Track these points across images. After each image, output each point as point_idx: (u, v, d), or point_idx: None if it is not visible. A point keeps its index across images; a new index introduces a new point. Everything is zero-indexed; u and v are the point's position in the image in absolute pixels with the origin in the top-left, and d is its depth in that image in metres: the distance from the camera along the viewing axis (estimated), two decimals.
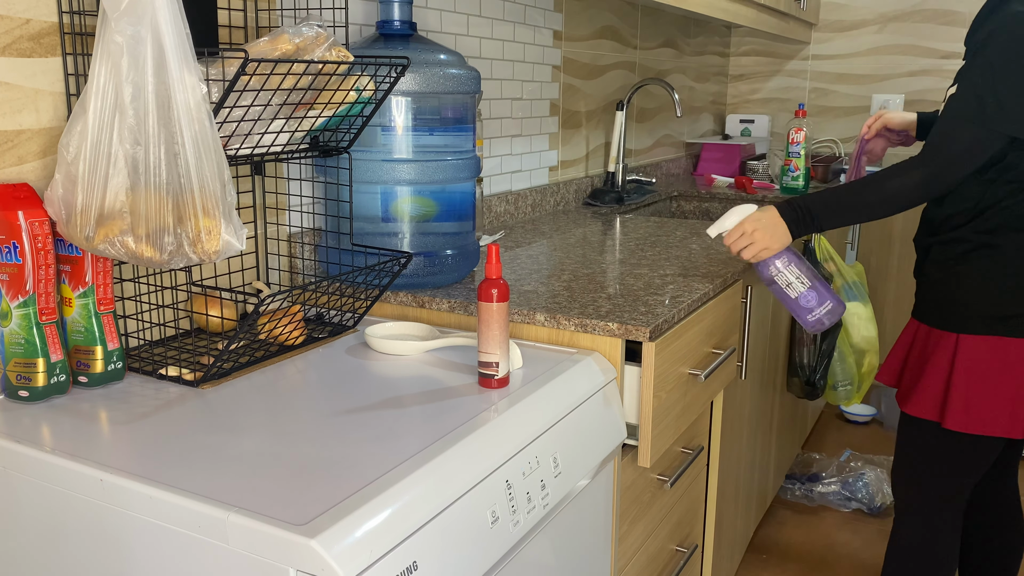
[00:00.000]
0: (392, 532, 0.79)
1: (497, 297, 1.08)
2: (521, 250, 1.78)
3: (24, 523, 0.93)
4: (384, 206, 1.40)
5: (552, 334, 1.31)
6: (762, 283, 1.69)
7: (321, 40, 1.11)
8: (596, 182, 2.63)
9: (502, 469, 0.96)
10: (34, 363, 1.03)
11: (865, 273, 2.78)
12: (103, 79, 0.95)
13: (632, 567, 1.40)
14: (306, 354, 1.23)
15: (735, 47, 3.79)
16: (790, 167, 2.75)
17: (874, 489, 2.58)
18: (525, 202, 2.21)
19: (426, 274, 1.43)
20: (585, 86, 2.51)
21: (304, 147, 1.27)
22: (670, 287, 1.46)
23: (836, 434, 3.17)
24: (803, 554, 2.36)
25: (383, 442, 0.93)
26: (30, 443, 0.93)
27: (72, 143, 0.98)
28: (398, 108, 1.37)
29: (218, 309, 1.27)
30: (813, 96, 3.65)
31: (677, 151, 3.36)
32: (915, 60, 3.44)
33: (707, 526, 1.80)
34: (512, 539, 0.95)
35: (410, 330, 1.31)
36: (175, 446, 0.92)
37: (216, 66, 1.04)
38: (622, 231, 2.03)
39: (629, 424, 1.29)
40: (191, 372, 1.11)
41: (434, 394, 1.08)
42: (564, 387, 1.14)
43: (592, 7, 2.50)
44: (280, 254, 1.48)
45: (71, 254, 1.06)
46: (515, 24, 2.12)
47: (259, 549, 0.76)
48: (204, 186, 0.96)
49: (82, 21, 1.13)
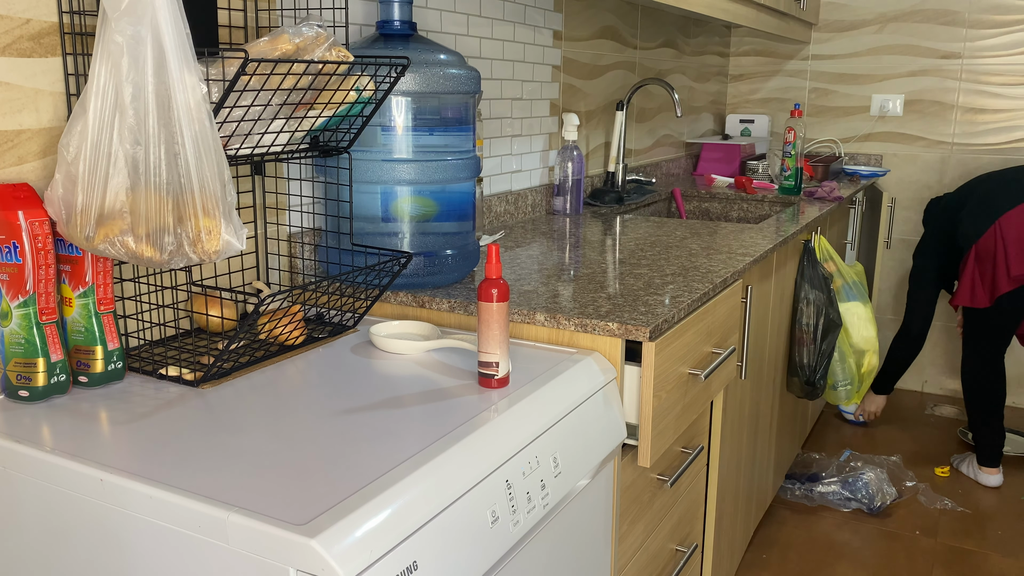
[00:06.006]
0: (392, 532, 0.79)
1: (497, 297, 1.08)
2: (521, 250, 1.78)
3: (24, 523, 0.93)
4: (384, 206, 1.40)
5: (552, 334, 1.31)
6: (762, 283, 1.69)
7: (321, 40, 1.11)
8: (596, 182, 2.63)
9: (502, 469, 0.96)
10: (34, 363, 1.03)
11: (865, 273, 2.78)
12: (103, 79, 0.95)
13: (632, 567, 1.40)
14: (306, 354, 1.23)
15: (735, 47, 3.79)
16: (783, 167, 2.76)
17: (874, 489, 2.57)
18: (525, 202, 2.22)
19: (426, 274, 1.43)
20: (585, 86, 2.51)
21: (304, 147, 1.27)
22: (670, 287, 1.46)
23: (836, 434, 3.16)
24: (803, 554, 2.36)
25: (383, 442, 0.93)
26: (30, 443, 0.93)
27: (72, 143, 0.98)
28: (398, 108, 1.37)
29: (218, 309, 1.27)
30: (813, 96, 3.65)
31: (677, 151, 3.36)
32: (915, 60, 3.44)
33: (707, 526, 1.80)
34: (512, 539, 0.95)
35: (414, 329, 1.32)
36: (175, 446, 0.92)
37: (216, 66, 1.04)
38: (622, 231, 2.03)
39: (629, 424, 1.29)
40: (191, 372, 1.11)
41: (434, 394, 1.08)
42: (564, 387, 1.14)
43: (592, 7, 2.50)
44: (280, 254, 1.48)
45: (71, 254, 1.06)
46: (515, 24, 2.12)
47: (259, 549, 0.76)
48: (204, 186, 0.96)
49: (82, 21, 1.13)
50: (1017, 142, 3.32)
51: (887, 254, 3.59)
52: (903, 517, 2.56)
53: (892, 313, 3.63)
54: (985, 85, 3.33)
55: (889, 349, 3.07)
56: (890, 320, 3.64)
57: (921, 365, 3.60)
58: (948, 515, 2.58)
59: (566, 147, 2.27)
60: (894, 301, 3.62)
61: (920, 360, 3.60)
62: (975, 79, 3.35)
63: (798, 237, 2.24)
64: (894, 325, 3.63)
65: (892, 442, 3.10)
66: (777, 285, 2.14)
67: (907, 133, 3.49)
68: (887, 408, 3.44)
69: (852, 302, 2.56)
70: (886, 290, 3.62)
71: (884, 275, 3.61)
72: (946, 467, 2.88)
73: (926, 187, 3.49)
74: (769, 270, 2.02)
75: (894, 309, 3.62)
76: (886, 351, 3.65)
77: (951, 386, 3.57)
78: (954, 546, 2.41)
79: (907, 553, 2.37)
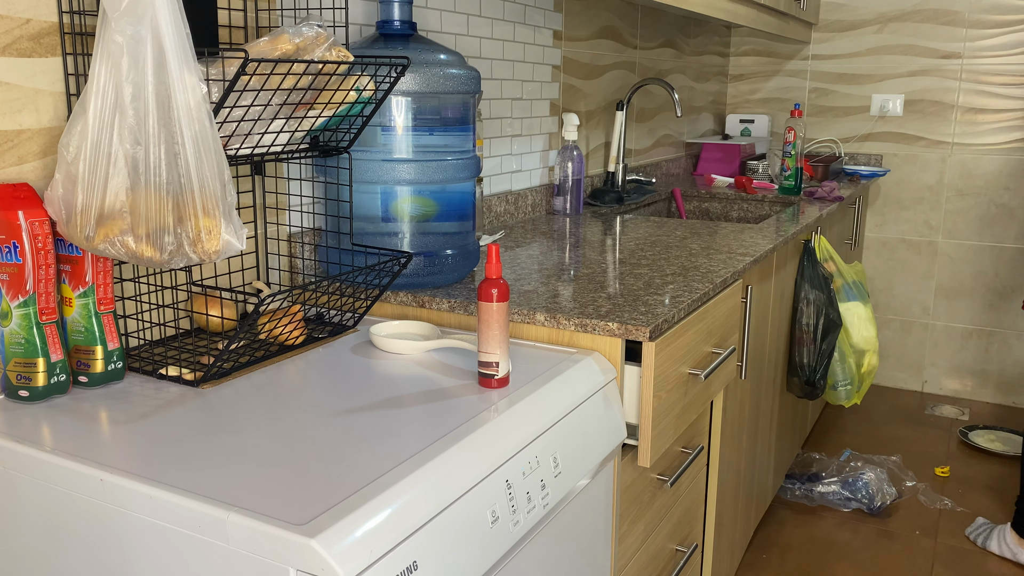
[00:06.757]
0: (392, 532, 0.79)
1: (497, 297, 1.08)
2: (521, 250, 1.78)
3: (24, 523, 0.93)
4: (384, 206, 1.40)
5: (552, 334, 1.31)
6: (762, 283, 1.69)
7: (321, 40, 1.11)
8: (596, 182, 2.63)
9: (502, 469, 0.96)
10: (34, 363, 1.03)
11: (865, 273, 2.78)
12: (103, 79, 0.95)
13: (632, 567, 1.40)
14: (306, 354, 1.23)
15: (735, 47, 3.79)
16: (783, 167, 2.76)
17: (874, 489, 2.58)
18: (525, 202, 2.22)
19: (426, 274, 1.43)
20: (585, 86, 2.51)
21: (304, 147, 1.27)
22: (670, 287, 1.46)
23: (836, 434, 3.17)
24: (803, 554, 2.36)
25: (383, 442, 0.93)
26: (30, 443, 0.93)
27: (72, 143, 0.98)
28: (398, 108, 1.37)
29: (218, 309, 1.27)
30: (813, 96, 3.65)
31: (677, 151, 3.36)
32: (915, 60, 3.44)
33: (707, 526, 1.80)
34: (512, 539, 0.95)
35: (414, 329, 1.32)
36: (175, 446, 0.92)
37: (216, 66, 1.04)
38: (622, 231, 2.03)
39: (629, 424, 1.29)
40: (191, 372, 1.11)
41: (434, 394, 1.08)
42: (564, 387, 1.14)
43: (592, 7, 2.50)
44: (280, 254, 1.48)
45: (71, 254, 1.06)
46: (515, 24, 2.12)
47: (259, 549, 0.76)
48: (204, 186, 0.96)
49: (82, 21, 1.13)
50: (1017, 142, 3.32)
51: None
52: (903, 517, 2.56)
53: (892, 313, 3.63)
54: (985, 85, 3.33)
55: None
56: (890, 320, 3.64)
57: (921, 365, 3.60)
58: (948, 515, 2.58)
59: (566, 147, 2.27)
60: (894, 301, 3.62)
61: (920, 360, 3.60)
62: (975, 79, 3.35)
63: (798, 237, 2.24)
64: (894, 325, 3.63)
65: (892, 442, 3.10)
66: (777, 285, 2.14)
67: (907, 133, 3.49)
68: (887, 408, 3.44)
69: (852, 302, 2.56)
70: (884, 290, 3.62)
71: (889, 275, 3.61)
72: (946, 467, 2.88)
73: (926, 187, 3.49)
74: (769, 270, 2.02)
75: (894, 309, 3.62)
76: (886, 351, 3.65)
77: (951, 386, 3.57)
78: (954, 546, 2.41)
79: (907, 553, 2.37)
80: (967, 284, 3.47)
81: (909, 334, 3.61)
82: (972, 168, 3.40)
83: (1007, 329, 3.44)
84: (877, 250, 3.61)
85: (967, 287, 3.48)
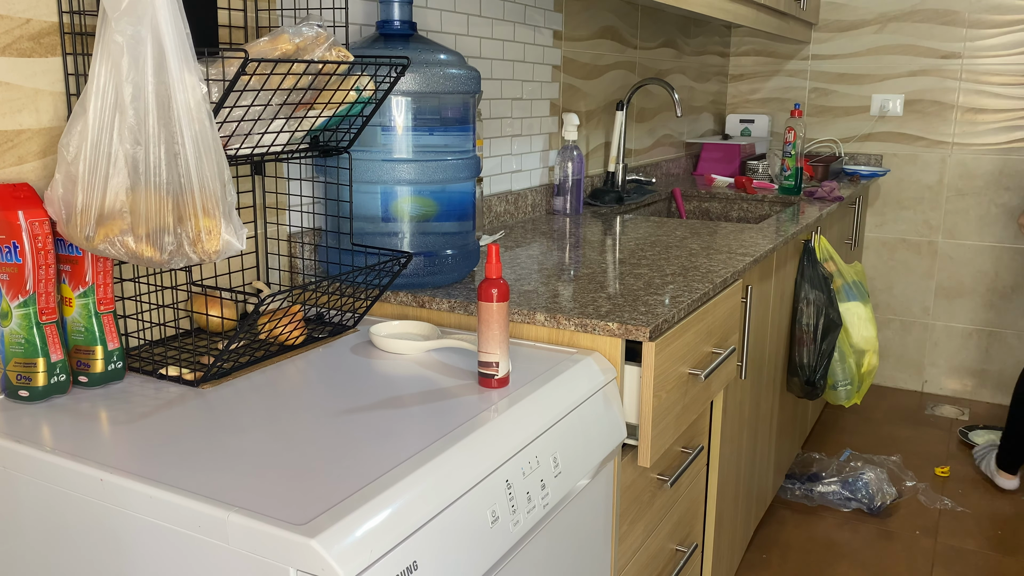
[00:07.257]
0: (392, 532, 0.79)
1: (497, 297, 1.08)
2: (521, 250, 1.78)
3: (24, 523, 0.93)
4: (384, 206, 1.40)
5: (552, 334, 1.31)
6: (762, 283, 1.69)
7: (321, 40, 1.11)
8: (596, 182, 2.63)
9: (502, 469, 0.96)
10: (34, 363, 1.03)
11: (864, 273, 2.78)
12: (103, 79, 0.95)
13: (632, 567, 1.40)
14: (306, 354, 1.23)
15: (735, 47, 3.79)
16: (783, 167, 2.76)
17: (874, 489, 2.58)
18: (525, 202, 2.22)
19: (426, 274, 1.43)
20: (585, 86, 2.51)
21: (304, 147, 1.27)
22: (670, 287, 1.46)
23: (836, 434, 3.17)
24: (803, 554, 2.36)
25: (383, 442, 0.93)
26: (30, 443, 0.93)
27: (72, 143, 0.98)
28: (398, 108, 1.37)
29: (218, 309, 1.27)
30: (813, 96, 3.65)
31: (677, 151, 3.36)
32: (915, 60, 3.44)
33: (707, 526, 1.80)
34: (512, 539, 0.95)
35: (414, 329, 1.32)
36: (175, 446, 0.92)
37: (216, 66, 1.04)
38: (622, 231, 2.03)
39: (629, 424, 1.29)
40: (191, 372, 1.11)
41: (434, 394, 1.08)
42: (564, 387, 1.14)
43: (592, 7, 2.50)
44: (280, 254, 1.48)
45: (71, 254, 1.06)
46: (515, 24, 2.12)
47: (259, 549, 0.76)
48: (204, 186, 0.96)
49: (82, 21, 1.13)
50: (1017, 142, 3.32)
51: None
52: (903, 517, 2.56)
53: (891, 312, 3.63)
54: (985, 85, 3.33)
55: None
56: (890, 320, 3.64)
57: (921, 365, 3.60)
58: (948, 515, 2.58)
59: (566, 147, 2.27)
60: (894, 301, 3.62)
61: (920, 360, 3.60)
62: (975, 79, 3.35)
63: (798, 237, 2.24)
64: (893, 325, 3.63)
65: (892, 442, 3.10)
66: (777, 285, 2.14)
67: (907, 133, 3.49)
68: (887, 408, 3.44)
69: (852, 302, 2.56)
70: (884, 290, 3.62)
71: (889, 274, 3.61)
72: (946, 467, 2.88)
73: (926, 187, 3.49)
74: (769, 270, 2.02)
75: (893, 309, 3.62)
76: (886, 351, 3.65)
77: (951, 386, 3.57)
78: (954, 546, 2.41)
79: (907, 553, 2.37)
80: (967, 284, 3.47)
81: (909, 334, 3.61)
82: (972, 168, 3.40)
83: (1007, 329, 3.44)
84: (877, 250, 3.60)
85: (967, 287, 3.48)
